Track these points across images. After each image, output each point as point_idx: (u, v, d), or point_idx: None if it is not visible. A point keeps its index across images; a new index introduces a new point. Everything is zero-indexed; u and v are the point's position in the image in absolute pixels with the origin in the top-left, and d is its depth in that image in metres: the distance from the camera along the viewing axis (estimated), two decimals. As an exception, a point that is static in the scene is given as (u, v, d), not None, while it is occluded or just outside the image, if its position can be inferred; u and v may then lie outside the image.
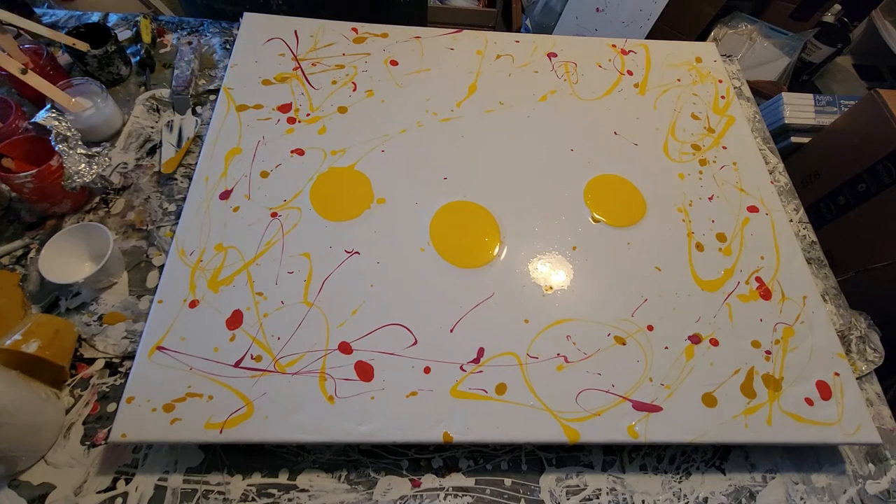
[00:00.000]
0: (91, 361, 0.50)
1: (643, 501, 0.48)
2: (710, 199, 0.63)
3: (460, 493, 0.47)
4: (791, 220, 0.66)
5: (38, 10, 0.75)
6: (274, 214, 0.56)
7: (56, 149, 0.53)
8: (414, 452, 0.49)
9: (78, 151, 0.54)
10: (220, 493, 0.45)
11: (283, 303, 0.51)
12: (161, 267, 0.54)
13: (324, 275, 0.53)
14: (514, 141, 0.66)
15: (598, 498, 0.48)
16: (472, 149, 0.64)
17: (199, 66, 0.71)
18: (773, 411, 0.50)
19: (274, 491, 0.46)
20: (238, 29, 0.72)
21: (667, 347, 0.52)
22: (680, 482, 0.50)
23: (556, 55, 0.75)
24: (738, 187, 0.65)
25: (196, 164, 0.60)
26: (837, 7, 1.65)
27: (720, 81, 0.75)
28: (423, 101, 0.68)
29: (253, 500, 0.45)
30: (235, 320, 0.50)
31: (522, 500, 0.48)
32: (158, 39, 0.74)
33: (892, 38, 1.60)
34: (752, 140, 0.70)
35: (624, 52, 0.77)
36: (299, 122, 0.64)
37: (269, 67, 0.68)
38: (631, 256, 0.58)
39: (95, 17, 0.75)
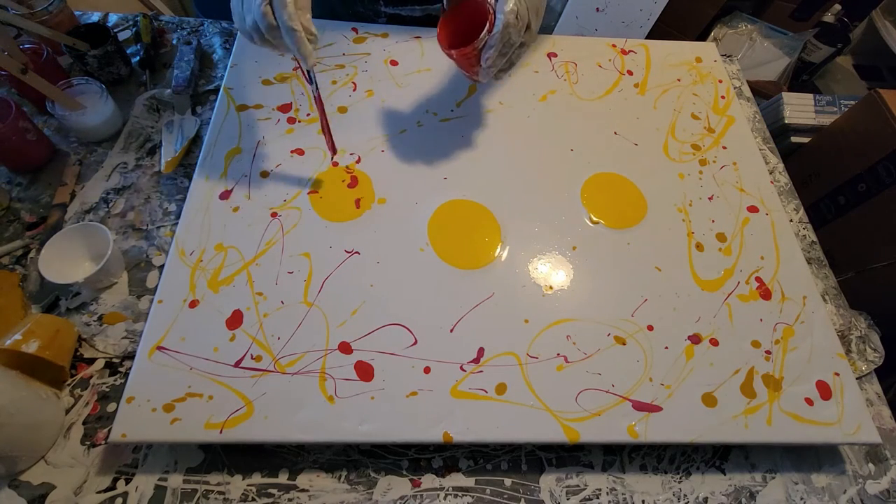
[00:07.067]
0: (91, 361, 0.50)
1: (643, 501, 0.48)
2: (710, 199, 0.63)
3: (460, 493, 0.47)
4: (791, 220, 0.66)
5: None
6: (274, 214, 0.56)
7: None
8: (414, 452, 0.49)
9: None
10: (220, 493, 0.45)
11: (283, 303, 0.51)
12: (161, 267, 0.54)
13: (324, 275, 0.53)
14: (514, 141, 0.66)
15: (598, 498, 0.48)
16: (472, 149, 0.64)
17: (199, 66, 0.71)
18: (773, 411, 0.50)
19: (274, 491, 0.46)
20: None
21: (667, 347, 0.52)
22: (680, 482, 0.50)
23: (556, 55, 0.75)
24: (738, 187, 0.65)
25: (196, 164, 0.60)
26: (837, 7, 1.65)
27: (720, 81, 0.75)
28: (423, 101, 0.68)
29: (253, 500, 0.45)
30: (235, 320, 0.50)
31: (522, 500, 0.48)
32: (158, 39, 0.74)
33: (892, 38, 1.60)
34: (752, 140, 0.70)
35: (624, 52, 0.77)
36: (299, 122, 0.64)
37: (269, 67, 0.68)
38: (631, 256, 0.58)
39: (95, 17, 0.75)
